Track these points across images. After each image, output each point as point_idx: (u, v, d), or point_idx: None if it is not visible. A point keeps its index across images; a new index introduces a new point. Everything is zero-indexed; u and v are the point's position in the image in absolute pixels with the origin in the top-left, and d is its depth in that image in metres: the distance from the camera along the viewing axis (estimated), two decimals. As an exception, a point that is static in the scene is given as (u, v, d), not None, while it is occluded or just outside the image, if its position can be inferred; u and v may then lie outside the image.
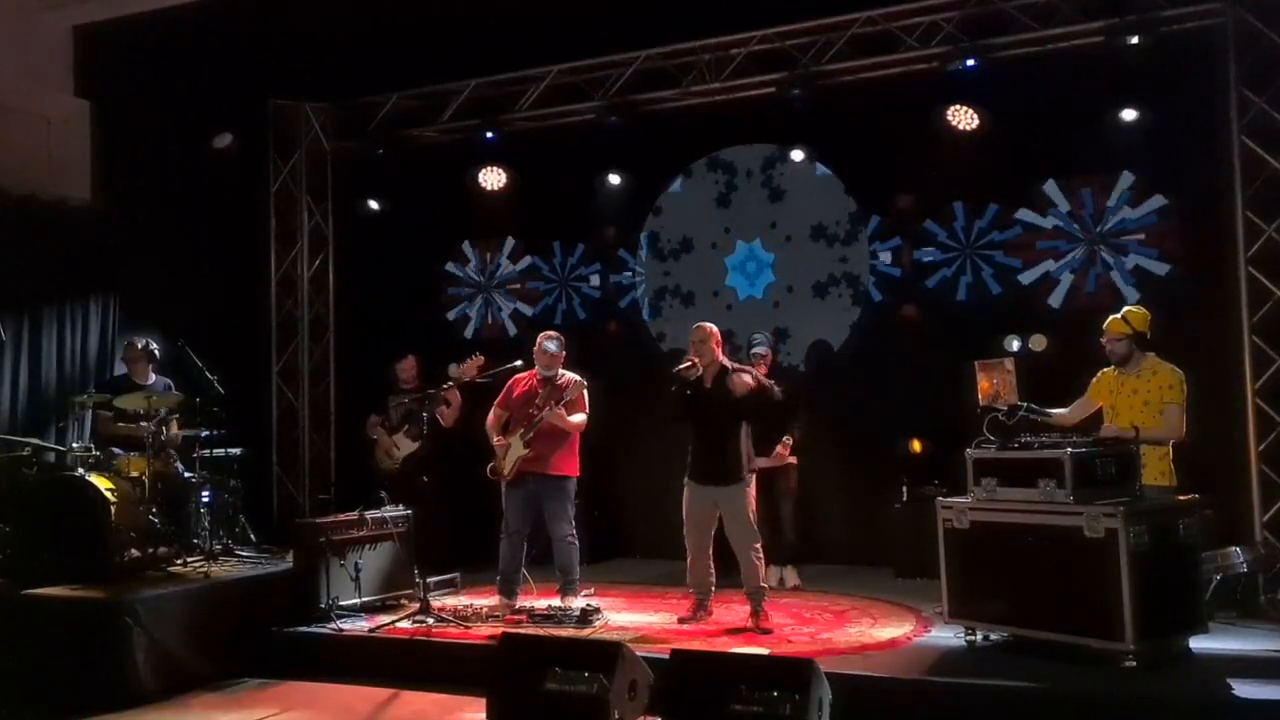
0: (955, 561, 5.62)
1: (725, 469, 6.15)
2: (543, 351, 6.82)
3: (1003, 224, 8.02)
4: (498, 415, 6.88)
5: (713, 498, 6.19)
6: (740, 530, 6.16)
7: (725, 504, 6.16)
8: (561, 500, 6.75)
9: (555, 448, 6.71)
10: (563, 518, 6.75)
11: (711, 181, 8.97)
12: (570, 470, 6.81)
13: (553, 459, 6.70)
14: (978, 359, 5.80)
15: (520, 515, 6.79)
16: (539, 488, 6.72)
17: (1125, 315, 5.59)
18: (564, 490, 6.76)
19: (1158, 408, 5.48)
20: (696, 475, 6.24)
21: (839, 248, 8.56)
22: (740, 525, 6.16)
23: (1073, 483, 5.10)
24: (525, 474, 6.69)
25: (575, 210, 9.19)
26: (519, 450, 6.66)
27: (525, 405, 6.76)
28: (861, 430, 8.21)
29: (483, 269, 9.74)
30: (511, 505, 6.79)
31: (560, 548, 6.78)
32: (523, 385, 6.90)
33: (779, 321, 8.70)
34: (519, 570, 6.91)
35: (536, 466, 6.68)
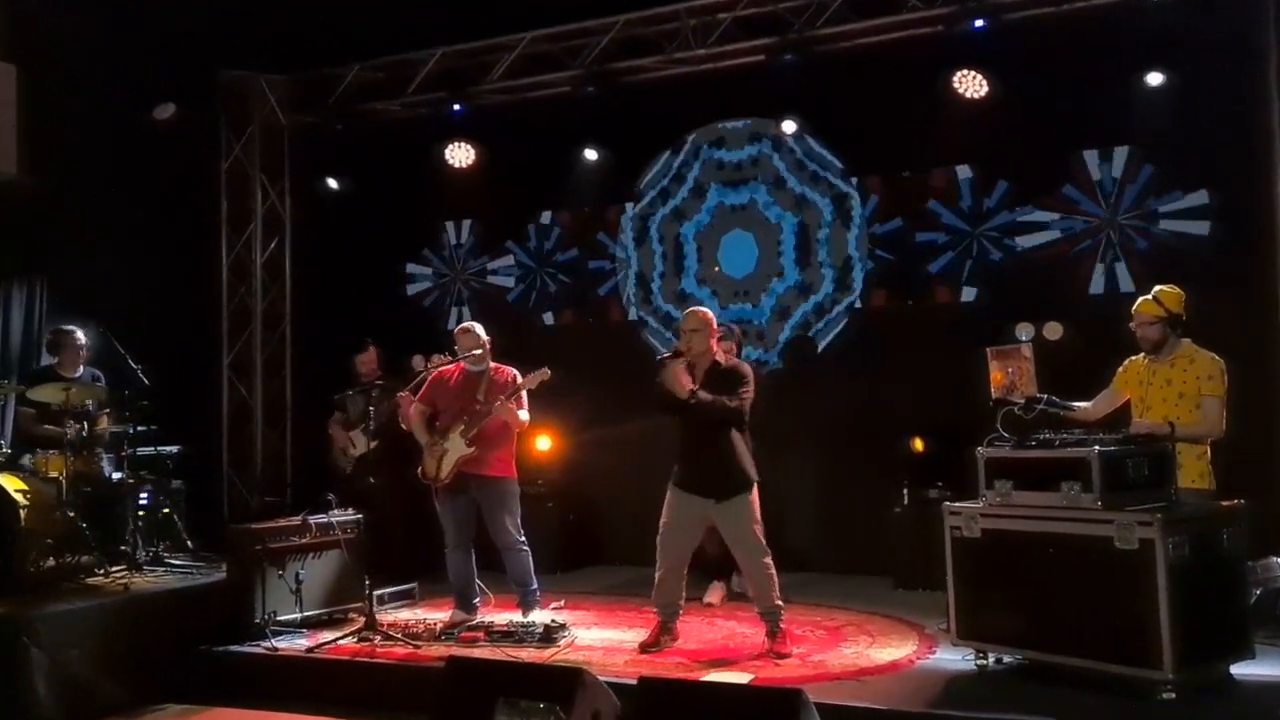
0: (964, 575, 4.96)
1: (722, 481, 5.41)
2: (474, 338, 6.18)
3: (1014, 203, 7.35)
4: (420, 412, 6.22)
5: (704, 511, 5.45)
6: (746, 546, 5.43)
7: (725, 519, 5.43)
8: (506, 504, 6.12)
9: (497, 447, 6.09)
10: (509, 523, 6.11)
11: (697, 159, 8.31)
12: (511, 471, 6.21)
13: (493, 459, 6.08)
14: (990, 346, 5.14)
15: (462, 525, 6.18)
16: (479, 492, 6.09)
17: (1157, 295, 4.93)
18: (507, 493, 6.14)
19: (1194, 400, 4.83)
20: (686, 484, 5.48)
21: (834, 229, 7.89)
22: (746, 541, 5.42)
23: (1101, 486, 4.45)
24: (464, 477, 6.05)
25: (551, 190, 8.54)
26: (459, 449, 6.00)
27: (461, 399, 6.11)
28: (858, 428, 7.55)
29: (452, 253, 9.08)
30: (450, 515, 6.16)
31: (511, 557, 6.14)
32: (454, 378, 6.24)
33: (769, 308, 8.05)
34: (473, 581, 6.29)
35: (476, 468, 6.05)
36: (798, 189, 8.00)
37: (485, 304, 8.94)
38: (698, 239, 8.30)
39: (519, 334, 8.70)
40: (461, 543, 6.20)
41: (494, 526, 6.14)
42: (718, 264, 8.23)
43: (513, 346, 8.57)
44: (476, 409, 6.04)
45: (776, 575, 5.47)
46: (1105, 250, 7.08)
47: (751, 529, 5.43)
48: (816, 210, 7.94)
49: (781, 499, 7.57)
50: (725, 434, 5.47)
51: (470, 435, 6.02)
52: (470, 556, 6.25)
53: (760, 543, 5.45)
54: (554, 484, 8.24)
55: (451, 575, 6.26)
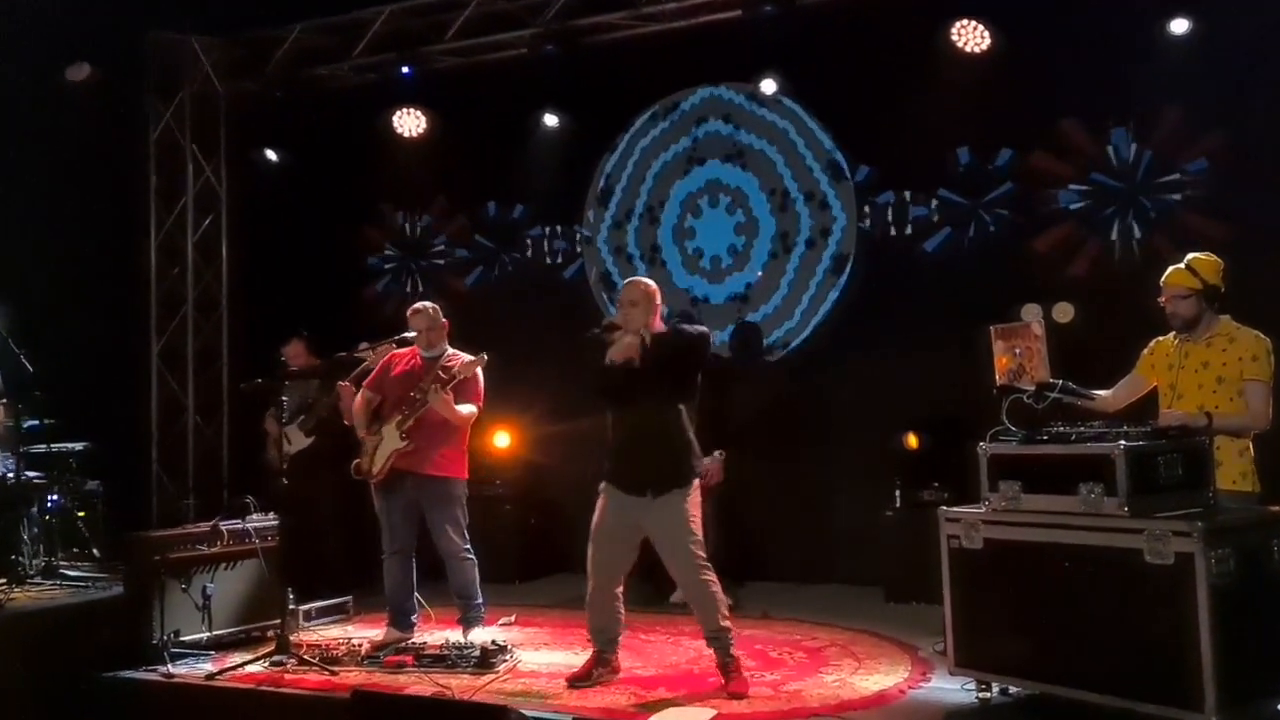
0: (964, 592, 4.23)
1: (661, 471, 4.57)
2: (423, 320, 5.48)
3: (1019, 172, 6.61)
4: (366, 400, 5.55)
5: (639, 511, 4.61)
6: (682, 555, 4.58)
7: (658, 520, 4.58)
8: (449, 507, 5.42)
9: (439, 442, 5.39)
10: (452, 529, 5.40)
11: (668, 128, 7.57)
12: (458, 471, 5.49)
13: (435, 456, 5.37)
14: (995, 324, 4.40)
15: (403, 527, 5.48)
16: (419, 492, 5.39)
17: (1191, 264, 4.19)
18: (451, 495, 5.43)
19: (1236, 386, 4.09)
20: (620, 480, 4.65)
21: (820, 204, 7.15)
22: (681, 548, 4.56)
23: (1128, 488, 3.71)
24: (401, 473, 5.37)
25: (512, 165, 7.81)
26: (393, 442, 5.33)
27: (404, 388, 5.43)
28: (845, 421, 6.82)
29: (406, 233, 8.35)
30: (390, 515, 5.48)
31: (454, 567, 5.44)
32: (403, 363, 5.56)
33: (748, 287, 7.31)
34: (411, 594, 5.57)
35: (415, 465, 5.36)
36: (780, 157, 7.27)
37: (442, 288, 8.22)
38: (670, 214, 7.56)
39: (479, 320, 7.98)
40: (398, 548, 5.49)
41: (435, 531, 5.44)
42: (693, 241, 7.50)
43: (473, 333, 7.91)
44: (414, 398, 5.34)
45: (721, 591, 4.67)
46: (1123, 222, 6.34)
47: (689, 533, 4.57)
48: (802, 181, 7.20)
49: (760, 501, 6.92)
50: (674, 414, 4.64)
51: (405, 427, 5.32)
52: (409, 565, 5.55)
53: (700, 552, 4.60)
54: (513, 485, 7.52)
55: (387, 586, 5.57)
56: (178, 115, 7.72)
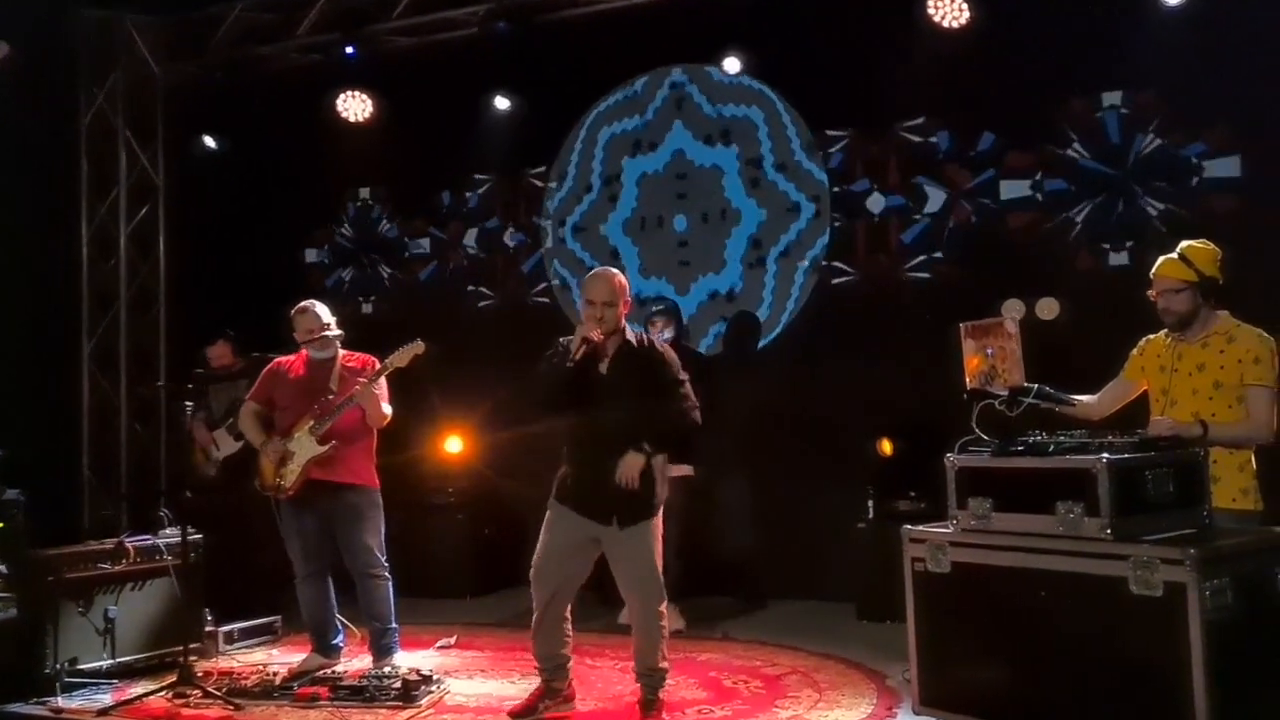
0: (930, 622, 3.78)
1: (628, 500, 4.13)
2: (314, 319, 5.05)
3: (1002, 158, 6.15)
4: (252, 411, 5.09)
5: (600, 534, 4.20)
6: (646, 588, 4.19)
7: (624, 551, 4.18)
8: (366, 518, 4.99)
9: (354, 447, 4.98)
10: (369, 542, 4.98)
11: (630, 111, 7.10)
12: (371, 479, 5.07)
13: (351, 463, 4.96)
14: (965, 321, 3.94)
15: (313, 548, 5.06)
16: (333, 504, 4.95)
17: (1185, 253, 3.73)
18: (367, 504, 5.02)
19: (1235, 391, 3.64)
20: (577, 501, 4.22)
21: (789, 193, 6.68)
22: (647, 581, 4.19)
23: (1111, 507, 3.25)
24: (316, 484, 4.92)
25: (465, 152, 7.36)
26: (309, 449, 4.88)
27: (308, 393, 4.98)
28: (815, 426, 6.35)
29: (355, 225, 7.89)
30: (300, 533, 5.06)
31: (368, 586, 5.00)
32: (296, 369, 5.12)
33: (713, 284, 6.86)
34: (332, 617, 5.15)
35: (330, 473, 4.92)
36: (744, 146, 6.80)
37: (395, 282, 7.78)
38: (632, 204, 7.10)
39: (434, 317, 7.54)
40: (315, 570, 5.06)
41: (348, 546, 5.00)
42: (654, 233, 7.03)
43: (427, 331, 7.42)
44: (329, 400, 4.89)
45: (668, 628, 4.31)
46: (1114, 211, 5.88)
47: (653, 567, 4.21)
48: (774, 169, 6.73)
49: (723, 512, 6.46)
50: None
51: (323, 431, 4.87)
52: (327, 586, 5.12)
53: (660, 589, 4.23)
54: (466, 493, 7.06)
55: (305, 612, 5.13)
56: (110, 99, 7.25)
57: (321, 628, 5.09)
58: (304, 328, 5.10)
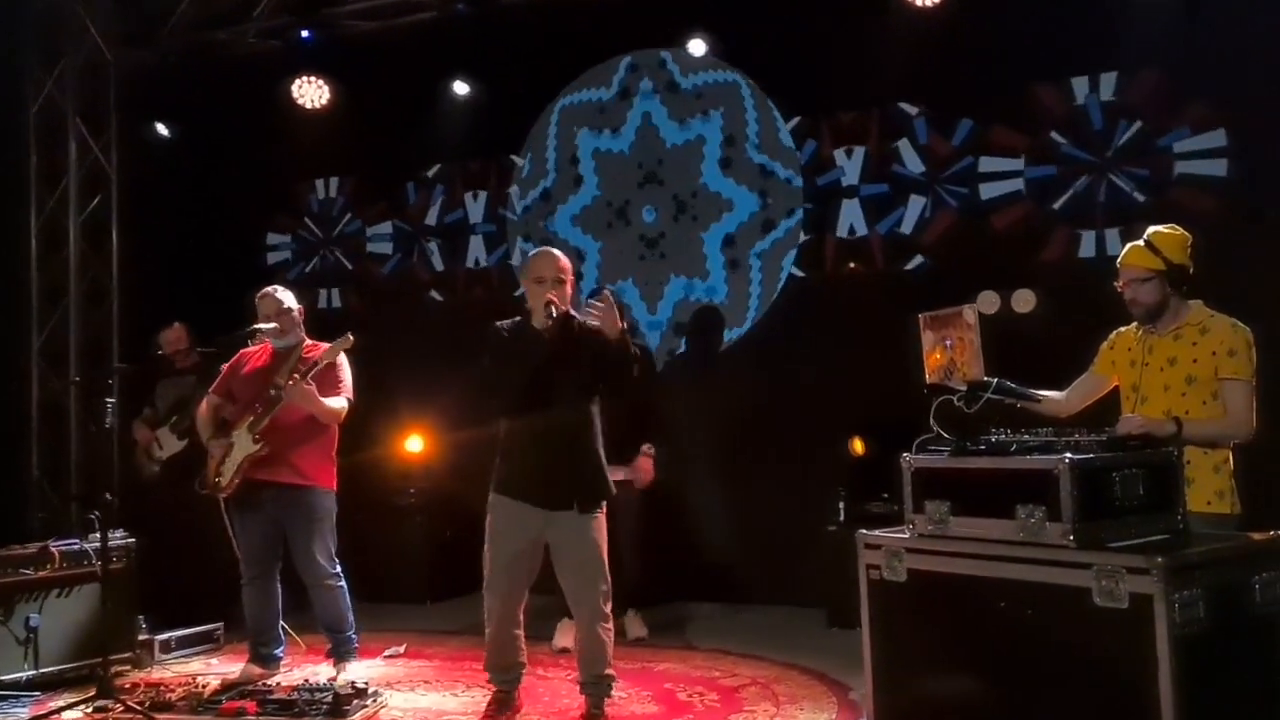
0: (885, 634, 3.53)
1: (577, 481, 3.96)
2: (272, 305, 4.83)
3: (980, 145, 5.90)
4: (211, 405, 4.87)
5: (547, 527, 3.98)
6: (596, 581, 3.98)
7: (574, 539, 3.96)
8: (315, 523, 4.74)
9: (301, 446, 4.71)
10: (318, 550, 4.73)
11: (595, 99, 6.85)
12: (325, 480, 4.81)
13: (297, 462, 4.68)
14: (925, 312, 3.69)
15: (263, 548, 4.81)
16: (279, 506, 4.70)
17: (1152, 240, 3.48)
18: (316, 509, 4.75)
19: (1209, 386, 3.39)
20: (530, 492, 3.97)
21: (757, 182, 6.43)
22: (597, 573, 3.98)
23: (1074, 511, 3.00)
24: (257, 485, 4.67)
25: (431, 141, 7.10)
26: (245, 447, 4.64)
27: (256, 386, 4.75)
28: (783, 424, 6.11)
29: (316, 216, 7.64)
30: (245, 535, 4.82)
31: (319, 595, 4.76)
32: (254, 360, 4.87)
33: (682, 278, 6.61)
34: (275, 625, 4.88)
35: (273, 473, 4.67)
36: (712, 134, 6.55)
37: (358, 276, 7.54)
38: (599, 194, 6.85)
39: (399, 311, 7.32)
40: (259, 573, 4.82)
41: (297, 552, 4.77)
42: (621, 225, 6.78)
43: (392, 326, 7.24)
44: (270, 395, 4.64)
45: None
46: (1094, 200, 5.63)
47: (602, 561, 4.00)
48: (744, 156, 6.48)
49: (687, 513, 6.21)
50: (593, 415, 4.06)
51: (260, 428, 4.63)
52: (272, 591, 4.88)
53: (609, 580, 4.02)
54: (427, 494, 6.81)
55: (247, 617, 4.88)
56: (60, 87, 7.00)
57: (262, 635, 4.84)
58: (262, 313, 4.86)
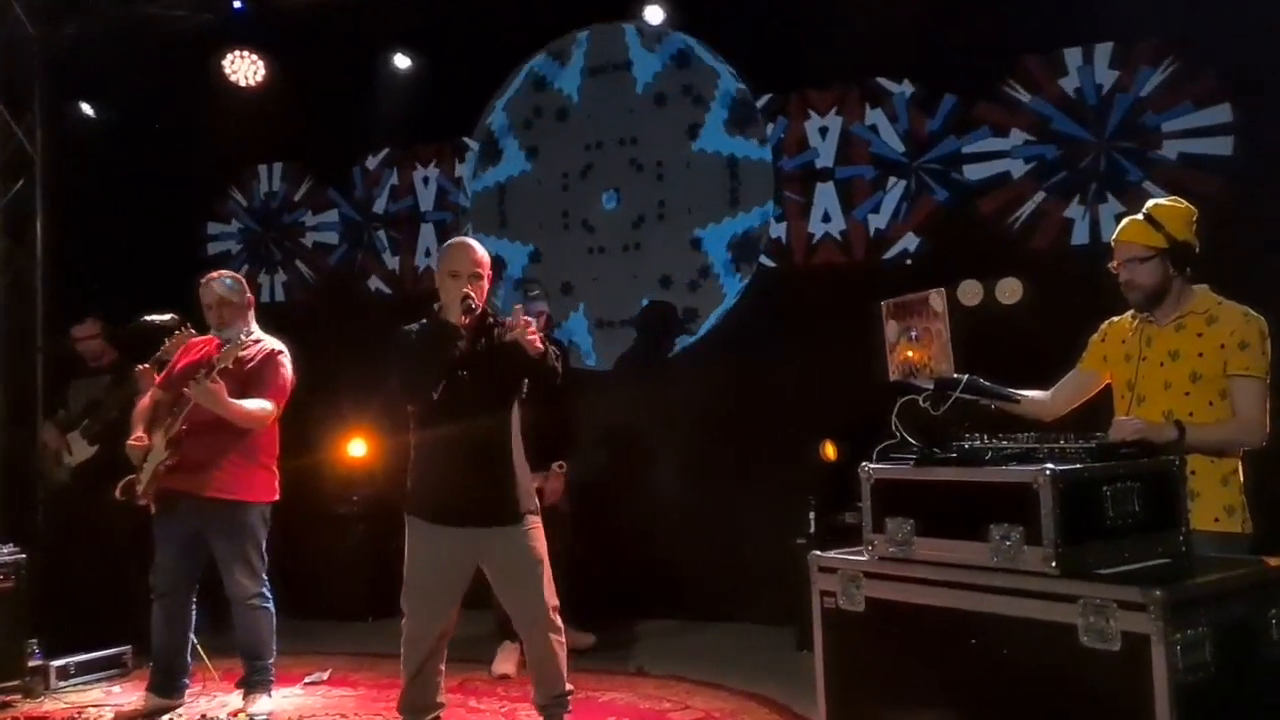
0: (842, 672, 3.06)
1: (500, 493, 3.52)
2: (210, 293, 4.39)
3: (964, 123, 5.44)
4: (152, 402, 4.44)
5: (476, 546, 3.53)
6: (532, 597, 3.54)
7: (514, 552, 3.53)
8: (236, 540, 4.26)
9: (223, 452, 4.24)
10: (240, 569, 4.27)
11: (550, 77, 6.37)
12: (252, 493, 4.32)
13: (216, 472, 4.22)
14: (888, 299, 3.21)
15: (176, 564, 4.34)
16: (199, 520, 4.22)
17: (1152, 213, 3.00)
18: (240, 525, 4.28)
19: (1217, 384, 2.92)
20: (437, 511, 3.53)
21: (723, 164, 5.96)
22: (532, 588, 3.54)
23: (1057, 533, 2.53)
24: (174, 495, 4.21)
25: (377, 123, 6.63)
26: (159, 453, 4.21)
27: (181, 384, 4.24)
28: (753, 427, 5.65)
29: (255, 202, 7.16)
30: (162, 548, 4.34)
31: (241, 615, 4.30)
32: (196, 353, 4.42)
33: (639, 273, 6.14)
34: (184, 651, 4.40)
35: (191, 483, 4.21)
36: (675, 116, 6.07)
37: (305, 267, 7.06)
38: (556, 181, 6.37)
39: (345, 305, 6.86)
40: (169, 590, 4.34)
41: (224, 569, 4.29)
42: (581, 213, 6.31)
43: (338, 321, 6.78)
44: (185, 396, 4.16)
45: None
46: (1088, 183, 5.16)
47: (544, 572, 3.56)
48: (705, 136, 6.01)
49: (646, 525, 5.75)
50: (509, 434, 3.61)
51: (172, 433, 4.16)
52: (183, 614, 4.39)
53: (552, 590, 3.58)
54: (371, 502, 6.33)
55: (154, 636, 4.40)
56: (-21, 64, 6.55)
57: (165, 662, 4.35)
58: (204, 303, 4.41)
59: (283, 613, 6.10)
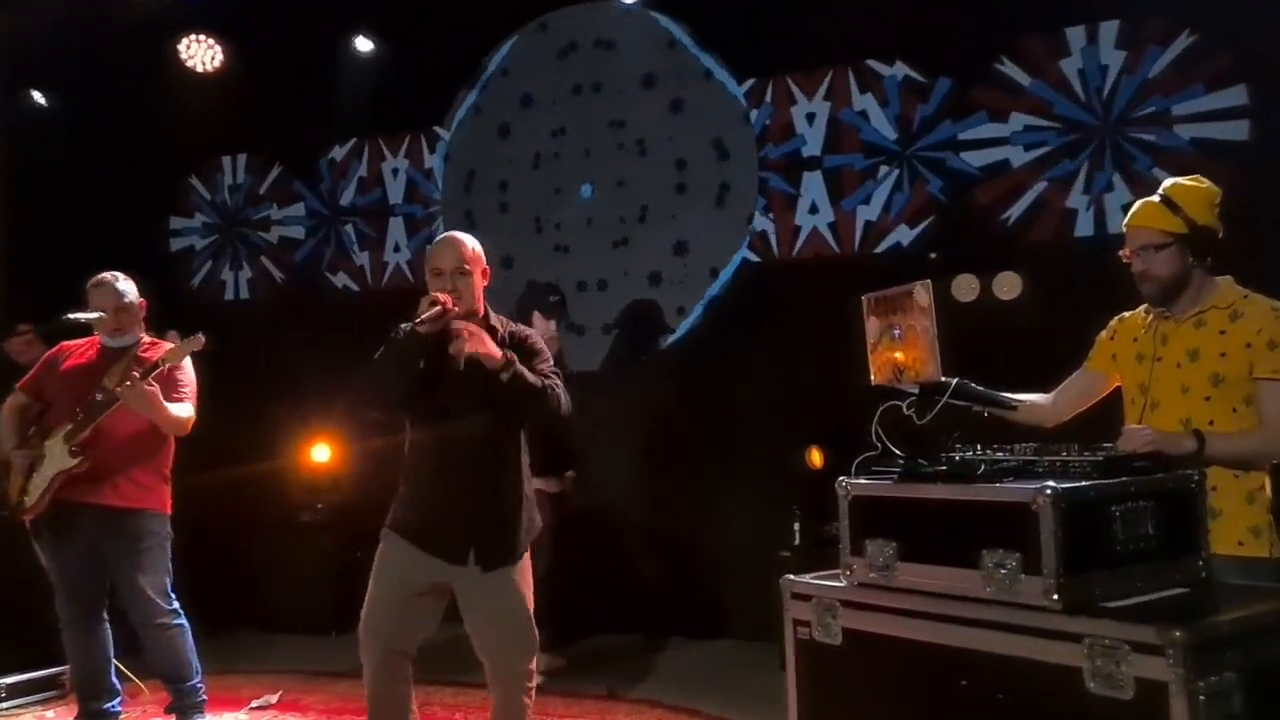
0: (815, 707, 2.73)
1: (478, 531, 3.09)
2: (110, 297, 4.05)
3: (960, 108, 5.10)
4: (16, 406, 4.13)
5: (444, 578, 3.12)
6: (506, 646, 3.13)
7: (480, 594, 3.10)
8: (141, 553, 3.93)
9: (129, 462, 3.93)
10: (147, 584, 3.93)
11: (528, 62, 6.05)
12: (156, 502, 4.01)
13: (122, 481, 3.92)
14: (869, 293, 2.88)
15: (83, 582, 4.01)
16: (100, 532, 3.92)
17: (1170, 194, 2.66)
18: (145, 535, 3.95)
19: (1242, 388, 2.58)
20: (417, 532, 3.12)
21: (710, 151, 5.63)
22: (506, 637, 3.12)
23: (1059, 560, 2.21)
24: (72, 507, 3.89)
25: (345, 110, 6.30)
26: (59, 461, 3.88)
27: (77, 388, 3.97)
28: (734, 433, 5.31)
29: (225, 199, 6.84)
30: (61, 567, 4.01)
31: (151, 638, 3.98)
32: (78, 356, 4.10)
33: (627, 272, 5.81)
34: (106, 673, 4.08)
35: (92, 493, 3.90)
36: (659, 101, 5.75)
37: (271, 264, 6.73)
38: (533, 173, 6.05)
39: (312, 301, 6.54)
40: (80, 613, 4.01)
41: (123, 587, 3.97)
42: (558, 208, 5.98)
43: (304, 319, 6.46)
44: (97, 399, 3.84)
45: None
46: (1093, 171, 4.82)
47: (526, 620, 3.14)
48: (685, 123, 5.68)
49: (618, 534, 5.43)
50: (513, 453, 3.20)
51: (79, 439, 3.84)
52: (97, 636, 4.06)
53: (534, 645, 3.17)
54: (336, 510, 6.01)
55: (71, 663, 4.08)
56: (-74, 51, 6.23)
57: (89, 688, 4.03)
58: (95, 305, 4.08)
59: (241, 626, 5.83)
